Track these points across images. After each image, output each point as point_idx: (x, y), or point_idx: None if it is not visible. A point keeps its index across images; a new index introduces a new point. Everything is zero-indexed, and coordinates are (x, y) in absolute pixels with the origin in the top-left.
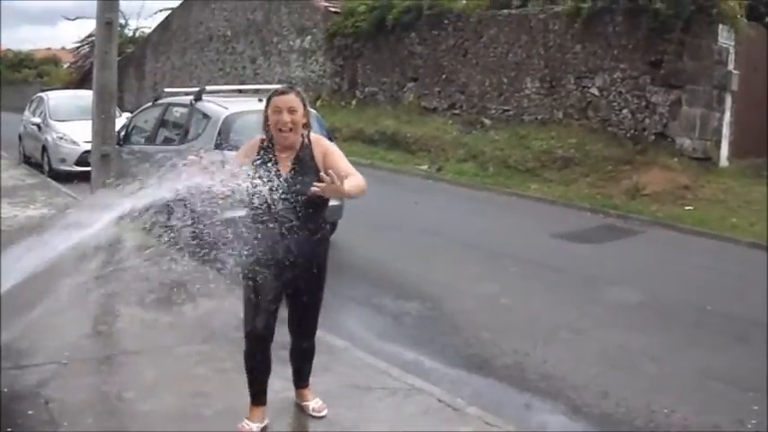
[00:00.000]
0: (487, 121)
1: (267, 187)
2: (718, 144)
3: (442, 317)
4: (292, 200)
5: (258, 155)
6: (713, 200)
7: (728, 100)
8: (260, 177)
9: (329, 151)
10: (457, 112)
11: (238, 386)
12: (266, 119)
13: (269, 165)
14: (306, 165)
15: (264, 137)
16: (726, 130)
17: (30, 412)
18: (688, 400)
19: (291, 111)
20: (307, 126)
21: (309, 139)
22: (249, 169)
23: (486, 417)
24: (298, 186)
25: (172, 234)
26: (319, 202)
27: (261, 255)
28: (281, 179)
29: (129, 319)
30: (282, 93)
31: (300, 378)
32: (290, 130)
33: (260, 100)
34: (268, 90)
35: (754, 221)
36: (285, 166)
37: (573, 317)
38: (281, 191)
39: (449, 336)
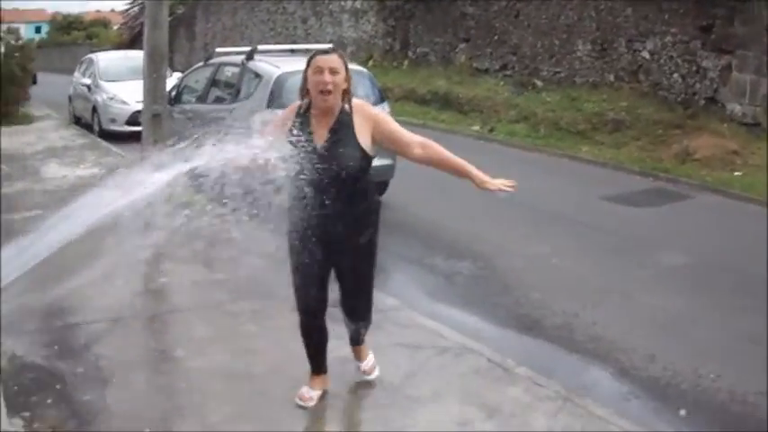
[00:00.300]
0: (539, 83)
1: (299, 160)
2: (767, 110)
3: (493, 276)
4: (327, 173)
5: (293, 124)
6: (762, 166)
7: None
8: (292, 149)
9: (380, 120)
10: (508, 73)
11: (289, 344)
12: (305, 81)
13: (302, 136)
14: (343, 135)
15: (300, 102)
16: None
17: (79, 369)
18: (734, 366)
19: (333, 71)
20: (347, 92)
21: (351, 107)
22: (281, 140)
23: (536, 377)
24: (333, 159)
25: (222, 193)
26: (361, 176)
27: (300, 228)
28: (315, 151)
29: (180, 276)
30: (325, 53)
31: (354, 339)
32: (330, 92)
33: None
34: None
35: None
36: (320, 136)
37: (621, 279)
38: (314, 164)
39: (499, 296)
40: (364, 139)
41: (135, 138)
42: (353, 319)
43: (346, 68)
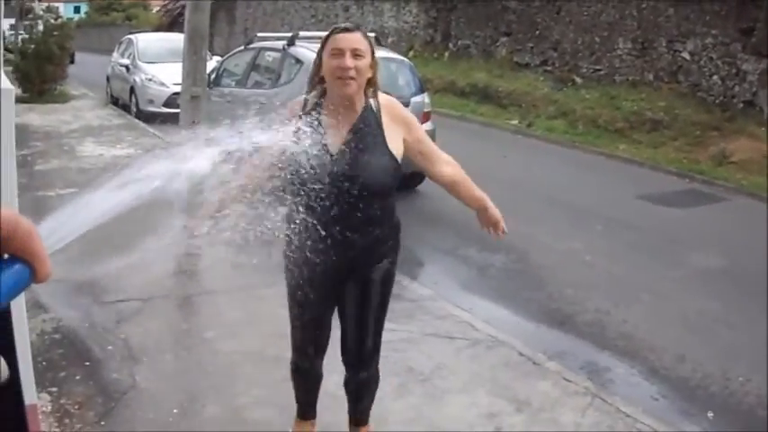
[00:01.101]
0: (579, 80)
1: (308, 168)
2: None
3: (526, 271)
4: (343, 188)
5: (303, 120)
6: None
7: None
8: (300, 152)
9: (413, 124)
10: (549, 68)
11: None
12: (317, 67)
13: (314, 135)
14: (368, 138)
15: (308, 96)
16: None
17: (109, 347)
18: (763, 371)
19: (356, 55)
20: (373, 83)
21: (378, 102)
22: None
23: (565, 372)
24: (353, 169)
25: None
26: (382, 191)
27: (301, 254)
28: (330, 157)
29: (214, 258)
30: (346, 30)
31: (356, 411)
32: (353, 78)
33: None
34: None
35: None
36: (337, 137)
37: (654, 279)
38: (327, 173)
39: (532, 290)
40: (396, 145)
41: (172, 119)
42: (355, 368)
43: (372, 52)
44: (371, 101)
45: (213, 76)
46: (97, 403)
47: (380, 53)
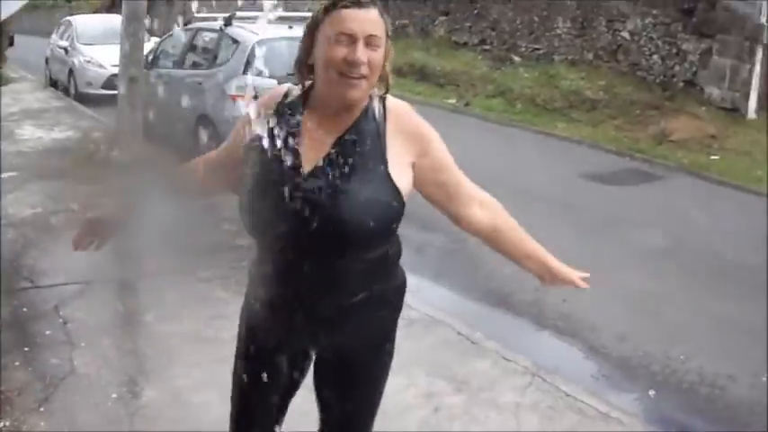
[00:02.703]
0: (517, 59)
1: (265, 190)
2: (746, 96)
3: (465, 250)
4: (313, 224)
5: (270, 119)
6: (739, 151)
7: (759, 53)
8: (258, 163)
9: (433, 143)
10: (487, 47)
11: None
12: (308, 47)
13: (281, 143)
14: (359, 156)
15: (288, 87)
16: (755, 83)
17: (47, 332)
18: (705, 349)
19: (371, 43)
20: (384, 79)
21: (384, 107)
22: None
23: (505, 352)
24: (330, 200)
25: None
26: (367, 240)
27: (256, 313)
28: (298, 177)
29: (152, 241)
30: (358, 4)
31: None
32: (364, 77)
33: (290, 27)
34: (298, 18)
35: None
36: (316, 151)
37: (594, 258)
38: (290, 201)
39: (470, 270)
40: (401, 171)
41: (111, 102)
42: None
43: (388, 36)
44: (375, 104)
45: (151, 57)
46: (36, 389)
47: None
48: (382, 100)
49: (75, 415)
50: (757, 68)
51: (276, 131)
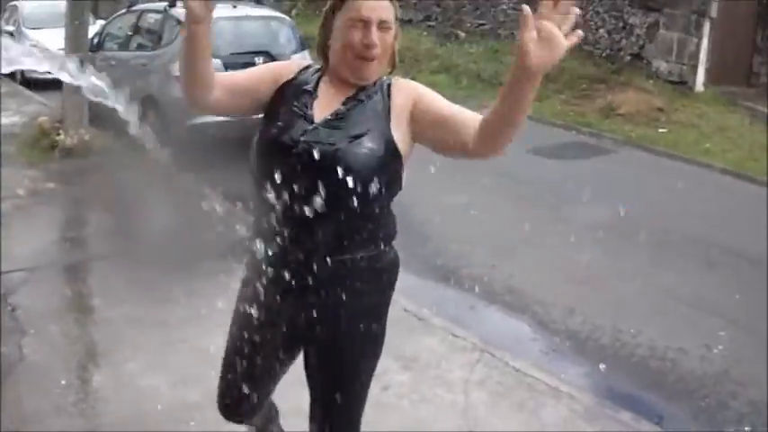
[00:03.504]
0: (462, 34)
1: (277, 136)
2: (694, 69)
3: (411, 227)
4: (316, 170)
5: (288, 83)
6: (687, 124)
7: (707, 26)
8: (273, 117)
9: (423, 94)
10: (432, 24)
11: (203, 292)
12: (327, 30)
13: (299, 99)
14: (363, 115)
15: (310, 64)
16: (703, 56)
17: None
18: (654, 323)
19: (383, 25)
20: (393, 59)
21: (390, 83)
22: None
23: (452, 328)
24: (334, 147)
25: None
26: (366, 189)
27: (256, 268)
28: (307, 124)
29: (97, 225)
30: None
31: None
32: (376, 58)
33: (234, 6)
34: None
35: (728, 148)
36: (326, 108)
37: (542, 232)
38: (302, 145)
39: (416, 246)
40: (401, 132)
41: (57, 86)
42: None
43: (397, 19)
44: (385, 79)
45: (96, 40)
46: None
47: (261, 12)
48: (389, 80)
49: (24, 402)
50: (705, 42)
51: (294, 90)
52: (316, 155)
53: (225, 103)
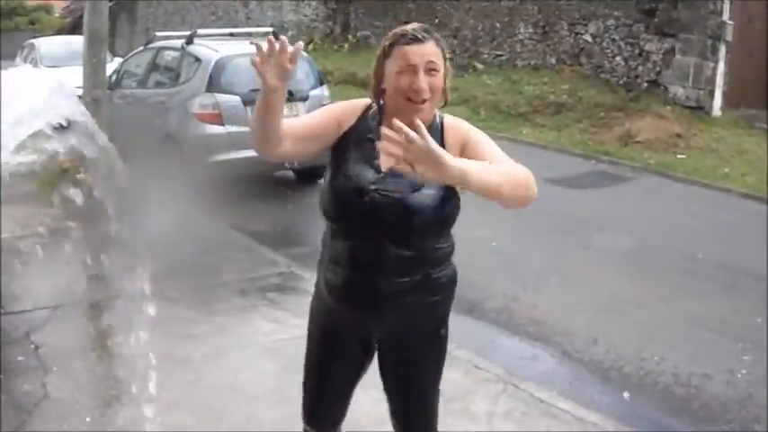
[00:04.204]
0: (480, 66)
1: (349, 184)
2: (711, 94)
3: None
4: (386, 214)
5: (351, 128)
6: (706, 149)
7: (723, 50)
8: (342, 166)
9: (474, 140)
10: (449, 56)
11: (227, 329)
12: (379, 77)
13: (365, 148)
14: None
15: (373, 101)
16: (719, 80)
17: (20, 358)
18: (678, 349)
19: (431, 70)
20: (445, 95)
21: (442, 122)
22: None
23: (476, 360)
24: (402, 194)
25: None
26: (426, 226)
27: (328, 298)
28: (377, 174)
29: (118, 263)
30: (416, 40)
31: None
32: (425, 101)
33: (251, 43)
34: (259, 33)
35: (747, 172)
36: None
37: (563, 262)
38: (372, 194)
39: None
40: None
41: None
42: None
43: (445, 58)
44: (437, 118)
45: (114, 77)
46: (10, 416)
47: None
48: (441, 118)
49: None
50: (721, 66)
51: (358, 137)
52: (385, 203)
53: (293, 152)
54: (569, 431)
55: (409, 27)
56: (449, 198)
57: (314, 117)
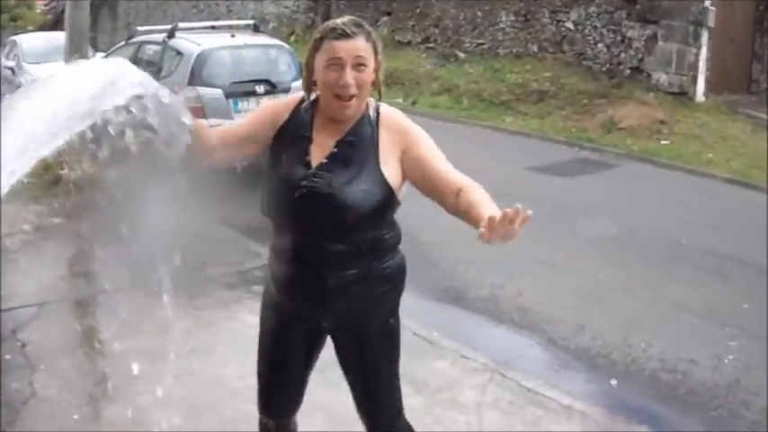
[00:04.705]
0: (462, 55)
1: (281, 181)
2: (694, 79)
3: (418, 250)
4: (318, 211)
5: (286, 123)
6: (689, 135)
7: (705, 36)
8: (276, 163)
9: (416, 140)
10: (431, 45)
11: (213, 323)
12: (310, 70)
13: (298, 144)
14: (356, 156)
15: (305, 95)
16: (702, 66)
17: (6, 356)
18: (664, 335)
19: (359, 65)
20: (377, 86)
21: (378, 114)
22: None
23: (463, 350)
24: (333, 190)
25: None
26: (359, 221)
27: (273, 291)
28: (308, 170)
29: (104, 259)
30: (345, 35)
31: None
32: (352, 97)
33: (232, 36)
34: (240, 27)
35: (731, 157)
36: (322, 149)
37: (548, 250)
38: (302, 190)
39: (424, 269)
40: (391, 169)
41: None
42: (368, 421)
43: (376, 52)
44: (371, 111)
45: None
46: None
47: (260, 40)
48: (377, 108)
49: None
50: (703, 52)
51: (292, 134)
52: (316, 198)
53: (228, 157)
54: (557, 419)
55: (339, 21)
56: (384, 192)
57: (247, 119)
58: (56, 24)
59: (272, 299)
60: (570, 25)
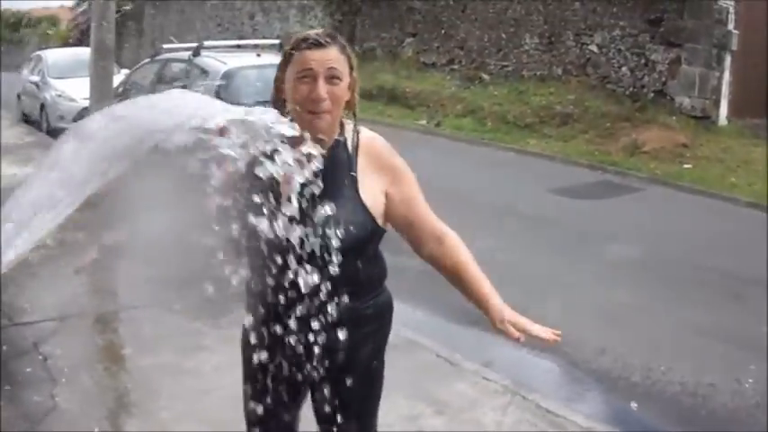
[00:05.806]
0: (486, 77)
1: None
2: (717, 103)
3: (439, 273)
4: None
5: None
6: (712, 158)
7: (728, 59)
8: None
9: (402, 175)
10: (455, 67)
11: (235, 340)
12: (279, 84)
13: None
14: (333, 182)
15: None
16: (725, 90)
17: (28, 369)
18: (685, 359)
19: (332, 77)
20: (352, 106)
21: (357, 136)
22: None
23: (484, 371)
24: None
25: None
26: (361, 242)
27: (258, 326)
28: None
29: (126, 274)
30: (317, 44)
31: None
32: (327, 111)
33: (258, 55)
34: (266, 46)
35: (753, 181)
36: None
37: (570, 272)
38: (276, 226)
39: (446, 291)
40: (372, 195)
41: None
42: None
43: (351, 68)
44: (349, 136)
45: (121, 89)
46: (19, 427)
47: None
48: (356, 133)
49: None
50: (726, 75)
51: (262, 159)
52: (288, 235)
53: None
54: None
55: (312, 32)
56: (365, 220)
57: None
58: (81, 41)
59: (253, 337)
60: (594, 48)
